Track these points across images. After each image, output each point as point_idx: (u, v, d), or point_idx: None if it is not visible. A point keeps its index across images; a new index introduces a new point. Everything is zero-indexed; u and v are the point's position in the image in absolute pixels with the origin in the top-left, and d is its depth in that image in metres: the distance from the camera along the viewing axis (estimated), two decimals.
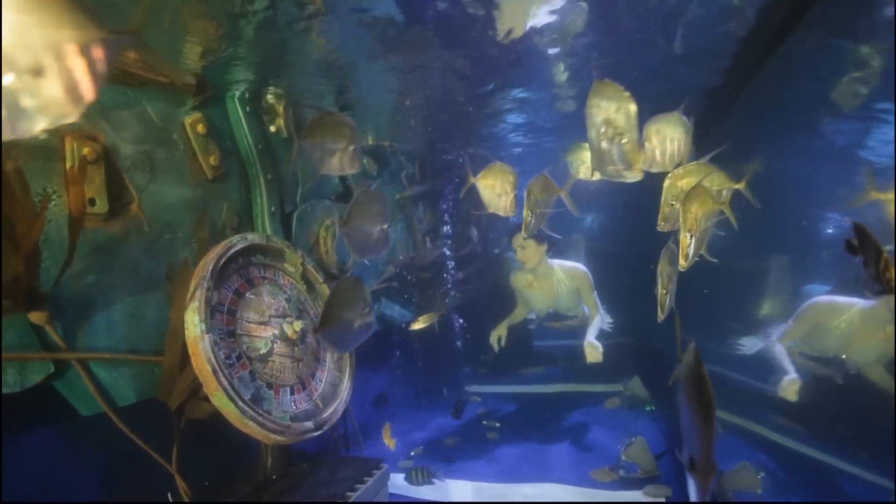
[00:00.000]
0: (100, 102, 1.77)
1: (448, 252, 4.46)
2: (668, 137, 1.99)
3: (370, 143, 3.44)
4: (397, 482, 2.69)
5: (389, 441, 2.95)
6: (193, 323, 1.67)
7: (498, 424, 3.55)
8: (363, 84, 2.75)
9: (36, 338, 1.48)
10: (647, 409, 3.86)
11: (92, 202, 1.67)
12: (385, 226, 2.20)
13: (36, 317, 1.43)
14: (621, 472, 2.66)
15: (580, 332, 3.65)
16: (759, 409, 3.75)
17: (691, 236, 1.79)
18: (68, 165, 1.61)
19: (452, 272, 4.59)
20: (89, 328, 1.64)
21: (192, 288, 1.74)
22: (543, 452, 3.08)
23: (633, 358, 5.03)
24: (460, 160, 4.60)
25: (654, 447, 2.77)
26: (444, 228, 4.61)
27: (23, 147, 1.52)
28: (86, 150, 1.66)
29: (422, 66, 2.57)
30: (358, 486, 2.00)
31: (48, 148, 1.59)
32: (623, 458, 2.72)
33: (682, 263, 1.85)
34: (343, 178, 3.21)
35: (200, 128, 2.14)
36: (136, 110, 1.91)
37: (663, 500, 2.40)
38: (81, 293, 1.63)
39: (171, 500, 1.76)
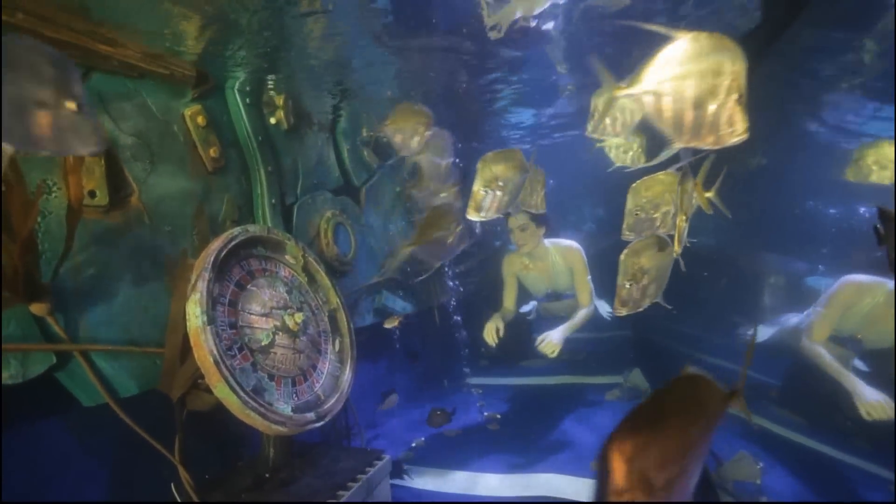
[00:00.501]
0: (100, 94, 1.77)
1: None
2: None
3: (368, 135, 3.43)
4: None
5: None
6: (195, 314, 1.67)
7: (499, 416, 3.57)
8: (362, 74, 2.74)
9: (38, 329, 1.49)
10: None
11: (92, 194, 1.67)
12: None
13: (37, 308, 1.43)
14: None
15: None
16: (756, 400, 3.76)
17: (686, 219, 1.79)
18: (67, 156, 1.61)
19: (454, 264, 4.59)
20: (91, 319, 1.65)
21: (193, 279, 1.74)
22: (544, 444, 3.09)
23: (633, 350, 5.04)
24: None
25: None
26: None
27: None
28: None
29: (421, 53, 2.56)
30: (360, 476, 2.02)
31: None
32: None
33: (678, 249, 1.84)
34: (343, 170, 3.21)
35: (200, 119, 2.14)
36: (135, 102, 1.91)
37: None
38: (82, 285, 1.64)
39: (178, 500, 1.77)
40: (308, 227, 2.73)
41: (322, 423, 2.01)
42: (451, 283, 4.58)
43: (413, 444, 3.15)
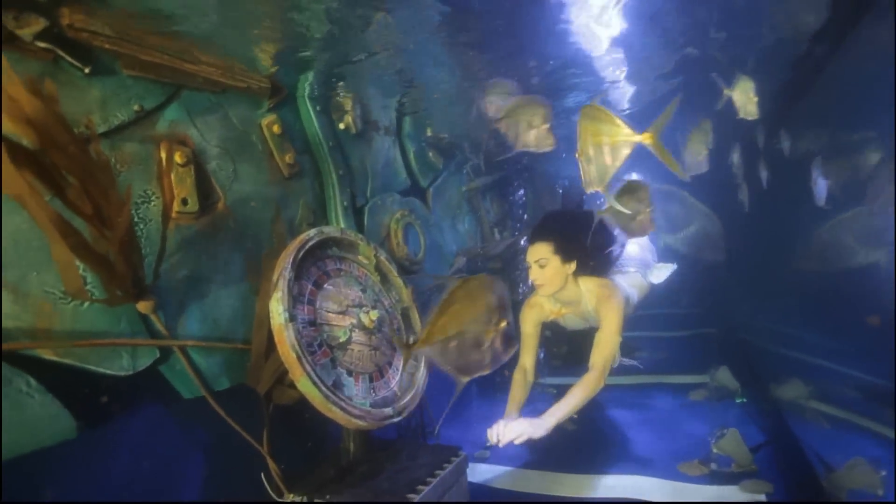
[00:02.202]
0: (188, 109, 1.91)
1: (521, 241, 4.36)
2: None
3: (432, 135, 3.47)
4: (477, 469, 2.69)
5: None
6: (278, 312, 1.75)
7: (575, 415, 3.45)
8: (426, 77, 2.76)
9: (144, 326, 1.63)
10: (738, 401, 3.59)
11: (185, 202, 1.80)
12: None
13: (143, 306, 1.56)
14: (713, 466, 2.49)
15: (663, 320, 3.41)
16: (869, 402, 3.37)
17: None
18: (162, 167, 1.75)
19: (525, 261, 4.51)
20: (186, 317, 1.78)
21: (274, 279, 1.83)
22: (624, 444, 2.95)
23: (720, 349, 4.71)
24: None
25: (749, 441, 2.57)
26: (516, 217, 4.54)
27: (127, 153, 1.67)
28: (177, 155, 1.79)
29: (486, 51, 2.53)
30: (437, 472, 2.01)
31: (148, 154, 1.74)
32: (714, 450, 2.54)
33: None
34: (410, 172, 3.26)
35: (276, 128, 2.25)
36: (218, 115, 2.04)
37: (763, 497, 2.22)
38: (178, 285, 1.77)
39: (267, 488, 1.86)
40: (379, 228, 2.79)
41: (400, 418, 2.04)
42: (521, 281, 4.51)
43: (488, 444, 3.11)
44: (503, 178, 4.59)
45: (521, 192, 4.73)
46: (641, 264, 3.24)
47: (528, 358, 2.75)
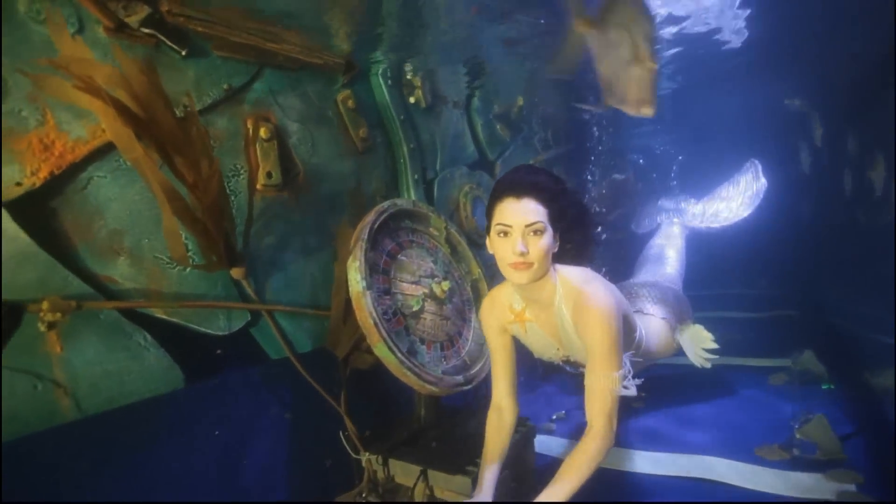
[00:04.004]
0: (271, 87, 2.00)
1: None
2: None
3: (518, 105, 3.42)
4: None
5: None
6: (356, 280, 1.83)
7: (644, 394, 3.37)
8: (493, 50, 2.72)
9: (236, 291, 1.77)
10: (825, 387, 3.35)
11: (269, 175, 1.91)
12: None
13: (236, 272, 1.69)
14: (795, 452, 2.36)
15: (737, 300, 3.21)
16: None
17: None
18: (248, 141, 1.86)
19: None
20: (272, 284, 1.91)
21: (352, 247, 1.91)
22: (695, 425, 2.86)
23: (803, 332, 4.40)
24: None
25: (837, 430, 2.40)
26: (585, 191, 4.43)
27: (219, 130, 1.79)
28: (262, 130, 1.89)
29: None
30: None
31: (236, 130, 1.85)
32: (797, 436, 2.40)
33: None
34: (478, 145, 3.25)
35: (350, 103, 2.31)
36: (298, 92, 2.12)
37: (853, 487, 2.08)
38: (264, 253, 1.90)
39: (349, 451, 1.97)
40: (447, 201, 2.82)
41: (469, 386, 2.09)
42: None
43: (554, 417, 3.13)
44: (572, 151, 4.47)
45: (592, 165, 4.59)
46: (671, 313, 2.58)
47: (502, 386, 1.84)
